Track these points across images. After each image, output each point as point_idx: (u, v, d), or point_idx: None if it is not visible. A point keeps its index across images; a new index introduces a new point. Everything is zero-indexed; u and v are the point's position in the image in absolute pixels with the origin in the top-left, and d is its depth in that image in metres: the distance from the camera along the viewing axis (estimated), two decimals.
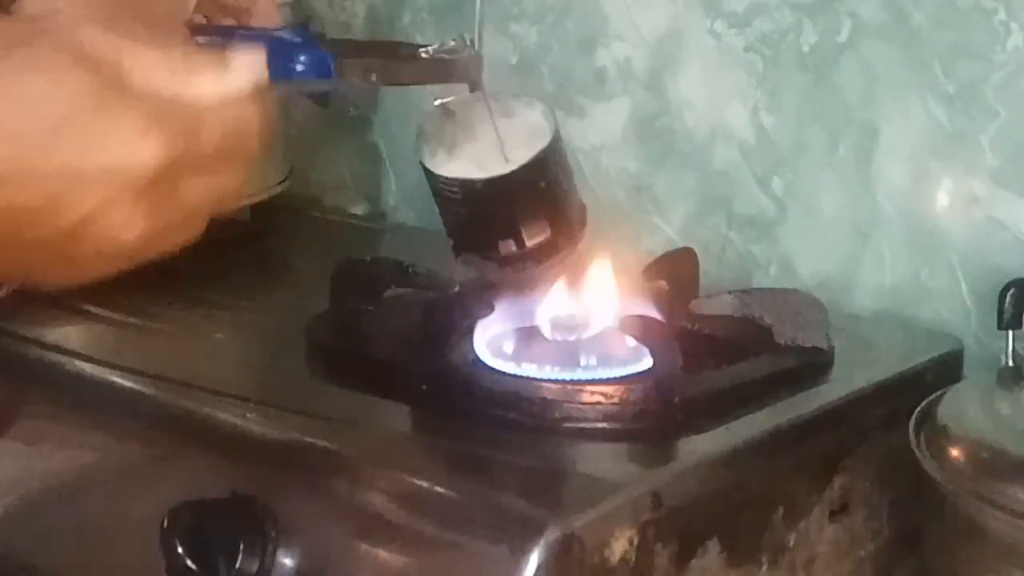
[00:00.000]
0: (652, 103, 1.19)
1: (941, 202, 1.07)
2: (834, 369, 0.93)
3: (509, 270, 0.86)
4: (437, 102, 0.84)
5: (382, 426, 0.85)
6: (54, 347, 0.96)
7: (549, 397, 0.83)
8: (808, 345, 0.93)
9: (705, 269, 1.00)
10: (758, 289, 1.03)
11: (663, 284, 0.95)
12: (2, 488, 0.92)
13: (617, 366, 0.85)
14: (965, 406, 0.86)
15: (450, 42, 0.81)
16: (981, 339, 1.04)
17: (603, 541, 0.74)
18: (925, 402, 0.86)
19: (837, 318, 0.97)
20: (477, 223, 0.85)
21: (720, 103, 1.16)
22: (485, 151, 0.83)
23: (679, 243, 1.10)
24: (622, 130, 1.21)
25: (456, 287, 0.92)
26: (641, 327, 0.85)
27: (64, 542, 0.89)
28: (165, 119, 0.58)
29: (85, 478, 0.90)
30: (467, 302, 0.88)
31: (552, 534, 0.72)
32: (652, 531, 0.76)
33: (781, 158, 1.14)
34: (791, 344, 0.92)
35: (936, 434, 0.82)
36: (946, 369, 0.98)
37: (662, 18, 1.18)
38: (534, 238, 0.85)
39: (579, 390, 0.83)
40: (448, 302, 0.90)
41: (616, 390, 0.83)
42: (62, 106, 0.57)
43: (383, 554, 0.77)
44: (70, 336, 1.01)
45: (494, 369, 0.86)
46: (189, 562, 0.77)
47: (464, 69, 0.82)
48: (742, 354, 0.91)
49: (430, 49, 0.80)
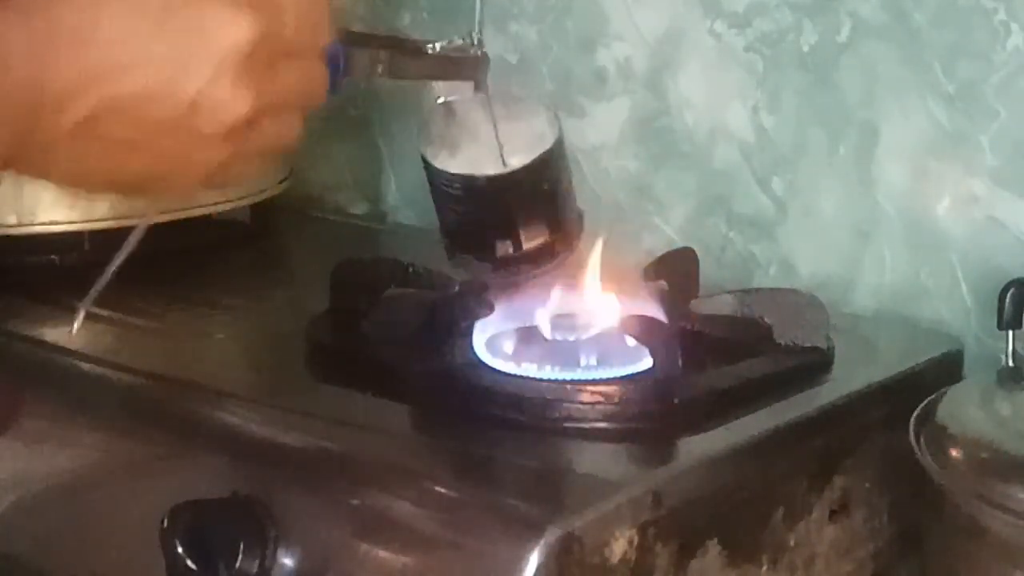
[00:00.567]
0: (652, 103, 1.19)
1: (941, 202, 1.07)
2: (834, 369, 0.93)
3: (504, 272, 0.86)
4: (440, 99, 0.84)
5: (382, 426, 0.85)
6: (54, 347, 0.96)
7: (549, 397, 0.83)
8: (808, 345, 0.93)
9: (705, 269, 1.00)
10: (758, 289, 1.02)
11: (663, 284, 0.95)
12: (2, 488, 0.92)
13: (617, 366, 0.85)
14: (965, 406, 0.86)
15: (457, 40, 0.81)
16: (981, 339, 1.04)
17: (603, 541, 0.74)
18: (925, 402, 0.86)
19: (837, 318, 0.97)
20: (475, 222, 0.85)
21: (720, 103, 1.16)
22: (486, 152, 0.83)
23: (679, 243, 1.10)
24: (622, 130, 1.21)
25: (456, 287, 0.92)
26: (641, 327, 0.85)
27: (64, 542, 0.89)
28: (248, 4, 0.66)
29: (85, 478, 0.90)
30: (467, 302, 0.88)
31: (552, 534, 0.72)
32: (652, 531, 0.76)
33: (781, 158, 1.14)
34: (791, 344, 0.92)
35: (936, 434, 0.82)
36: (946, 369, 0.98)
37: (662, 18, 1.18)
38: (531, 241, 0.85)
39: (579, 390, 0.83)
40: (448, 302, 0.90)
41: (616, 390, 0.83)
42: (157, 2, 0.65)
43: (383, 554, 0.77)
44: (70, 336, 1.01)
45: (494, 369, 0.86)
46: (189, 562, 0.77)
47: (470, 68, 0.82)
48: (742, 354, 0.91)
49: (437, 46, 0.80)
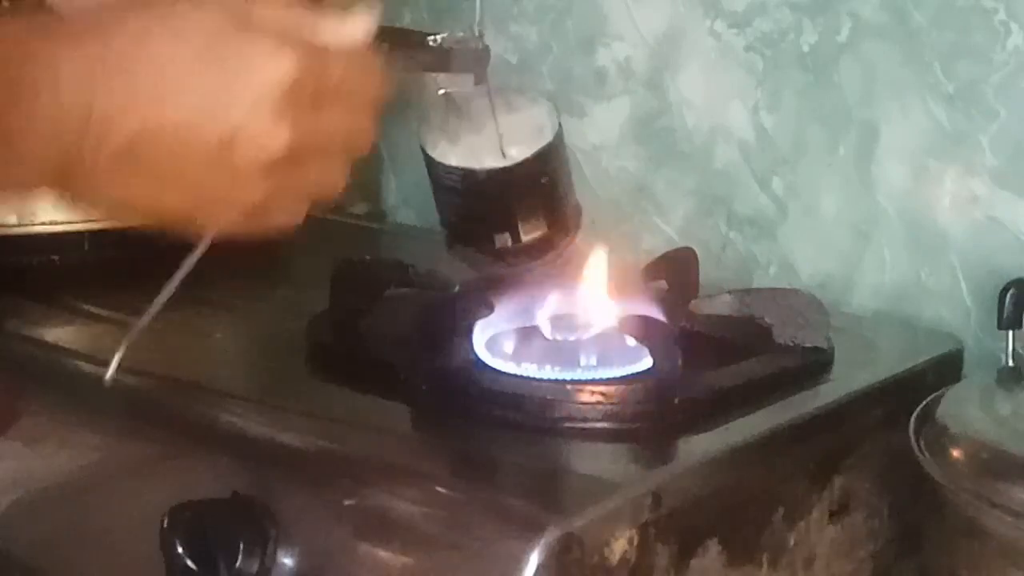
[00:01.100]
0: (652, 103, 1.19)
1: (941, 202, 1.07)
2: (834, 369, 0.93)
3: (502, 264, 0.86)
4: (441, 91, 0.84)
5: (382, 426, 0.85)
6: (54, 347, 0.96)
7: (549, 397, 0.83)
8: (808, 345, 0.93)
9: (705, 269, 1.00)
10: (758, 289, 1.03)
11: (663, 284, 0.95)
12: (2, 488, 0.92)
13: (617, 366, 0.85)
14: (965, 406, 0.86)
15: (458, 33, 0.81)
16: (981, 339, 1.04)
17: (603, 541, 0.74)
18: (925, 402, 0.86)
19: (837, 318, 0.97)
20: (474, 214, 0.85)
21: (720, 103, 1.16)
22: (486, 144, 0.83)
23: (679, 243, 1.10)
24: (622, 130, 1.21)
25: (456, 287, 0.92)
26: (641, 327, 0.85)
27: (64, 542, 0.89)
28: (294, 44, 0.67)
29: (85, 478, 0.90)
30: (467, 302, 0.88)
31: (552, 534, 0.71)
32: (652, 531, 0.76)
33: (781, 158, 1.14)
34: (791, 344, 0.92)
35: (936, 434, 0.82)
36: (946, 369, 0.98)
37: (662, 18, 1.18)
38: (530, 233, 0.85)
39: (579, 390, 0.83)
40: (448, 302, 0.90)
41: (616, 390, 0.83)
42: (204, 35, 0.67)
43: (383, 554, 0.77)
44: (70, 336, 1.01)
45: (494, 369, 0.86)
46: (189, 562, 0.77)
47: (471, 60, 0.82)
48: (742, 354, 0.91)
49: (439, 38, 0.80)
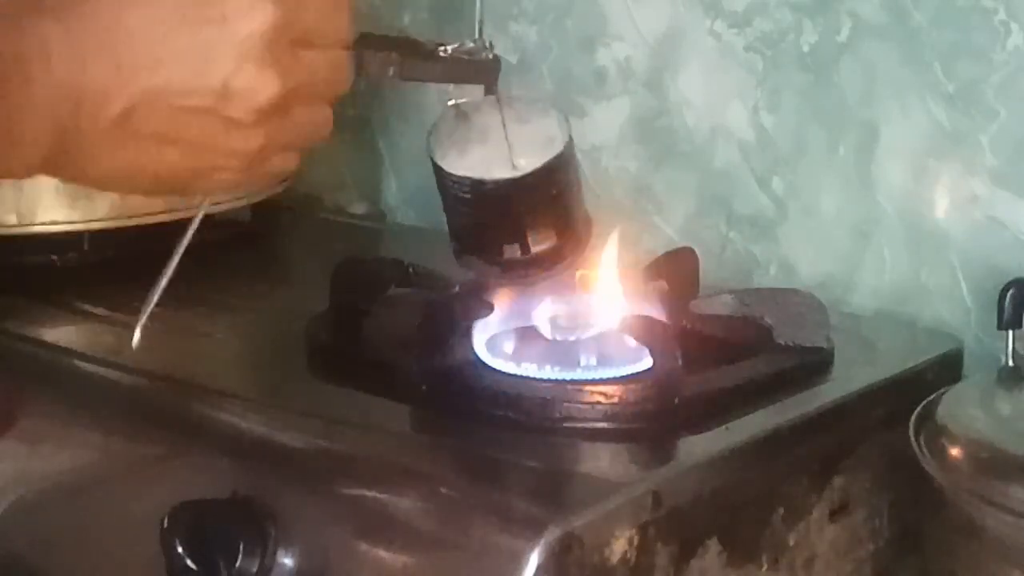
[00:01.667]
0: (652, 103, 1.19)
1: (941, 202, 1.07)
2: (834, 369, 0.93)
3: (512, 276, 0.86)
4: (451, 102, 0.84)
5: (382, 426, 0.85)
6: (54, 347, 0.96)
7: (549, 397, 0.83)
8: (808, 345, 0.93)
9: (705, 269, 1.00)
10: (758, 289, 1.02)
11: (663, 284, 0.95)
12: (2, 488, 0.92)
13: (617, 366, 0.85)
14: (965, 406, 0.86)
15: (468, 43, 0.81)
16: (981, 339, 1.04)
17: (603, 541, 0.74)
18: (925, 402, 0.86)
19: (837, 318, 0.97)
20: (484, 225, 0.85)
21: (720, 103, 1.16)
22: (496, 155, 0.83)
23: (679, 243, 1.09)
24: (622, 130, 1.21)
25: (456, 287, 0.92)
26: (641, 327, 0.85)
27: (64, 542, 0.89)
28: None
29: (85, 478, 0.90)
30: (467, 302, 0.88)
31: (552, 534, 0.71)
32: (652, 531, 0.76)
33: (781, 158, 1.14)
34: (791, 344, 0.92)
35: (936, 434, 0.82)
36: (946, 369, 0.98)
37: (662, 18, 1.18)
38: (540, 244, 0.85)
39: (579, 390, 0.83)
40: (448, 302, 0.90)
41: (616, 390, 0.83)
42: None
43: (383, 554, 0.77)
44: (70, 336, 1.01)
45: (494, 369, 0.86)
46: (189, 562, 0.77)
47: (481, 71, 0.82)
48: (742, 354, 0.91)
49: (449, 48, 0.80)
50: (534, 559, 0.71)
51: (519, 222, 0.84)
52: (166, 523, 0.77)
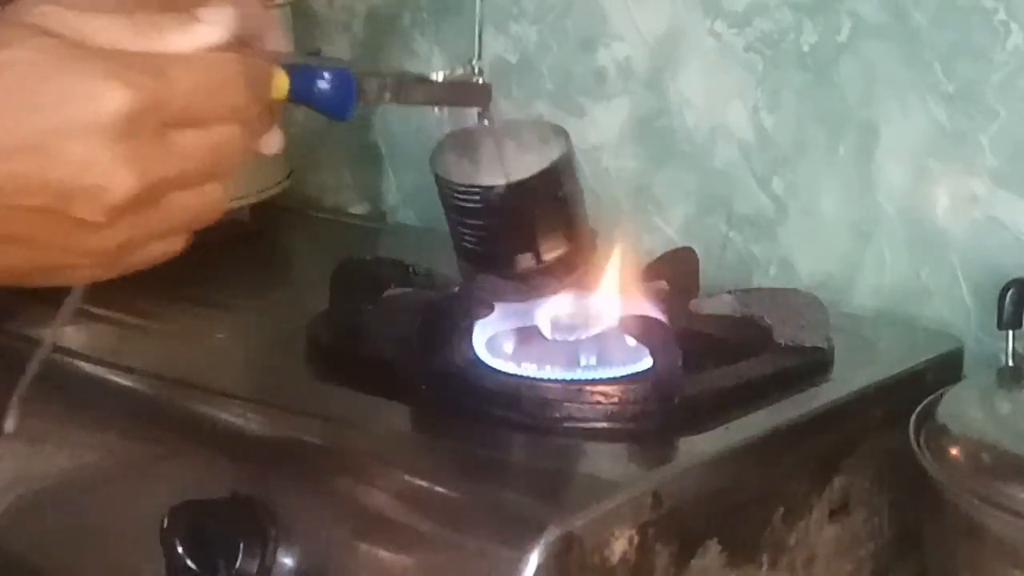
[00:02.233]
0: (652, 103, 1.19)
1: (941, 202, 1.07)
2: (834, 369, 0.93)
3: (526, 288, 0.86)
4: (448, 130, 0.85)
5: (382, 426, 0.85)
6: (54, 347, 0.96)
7: (549, 397, 0.83)
8: (808, 345, 0.93)
9: (705, 269, 1.00)
10: (758, 289, 1.03)
11: (663, 284, 0.95)
12: (2, 488, 0.92)
13: (617, 366, 0.85)
14: (965, 406, 0.86)
15: (459, 70, 0.81)
16: (981, 339, 1.04)
17: (603, 541, 0.74)
18: (925, 402, 0.86)
19: (837, 318, 0.97)
20: (495, 236, 0.85)
21: (720, 103, 1.16)
22: (497, 177, 0.84)
23: (679, 243, 1.10)
24: (622, 130, 1.21)
25: (456, 287, 0.92)
26: (641, 327, 0.85)
27: (64, 542, 0.89)
28: (130, 67, 0.58)
29: (85, 478, 0.90)
30: (467, 302, 0.88)
31: (552, 534, 0.71)
32: (652, 531, 0.76)
33: (781, 158, 1.14)
34: (791, 344, 0.92)
35: (936, 434, 0.82)
36: (946, 369, 0.98)
37: (662, 18, 1.18)
38: (551, 252, 0.85)
39: (579, 390, 0.83)
40: (448, 302, 0.90)
41: (616, 390, 0.83)
42: (18, 71, 0.58)
43: (383, 554, 0.77)
44: (70, 336, 1.01)
45: (494, 369, 0.86)
46: (189, 562, 0.77)
47: (474, 95, 0.83)
48: (742, 354, 0.91)
49: (441, 74, 0.80)
50: (534, 559, 0.71)
51: (531, 228, 0.85)
52: (166, 523, 0.77)
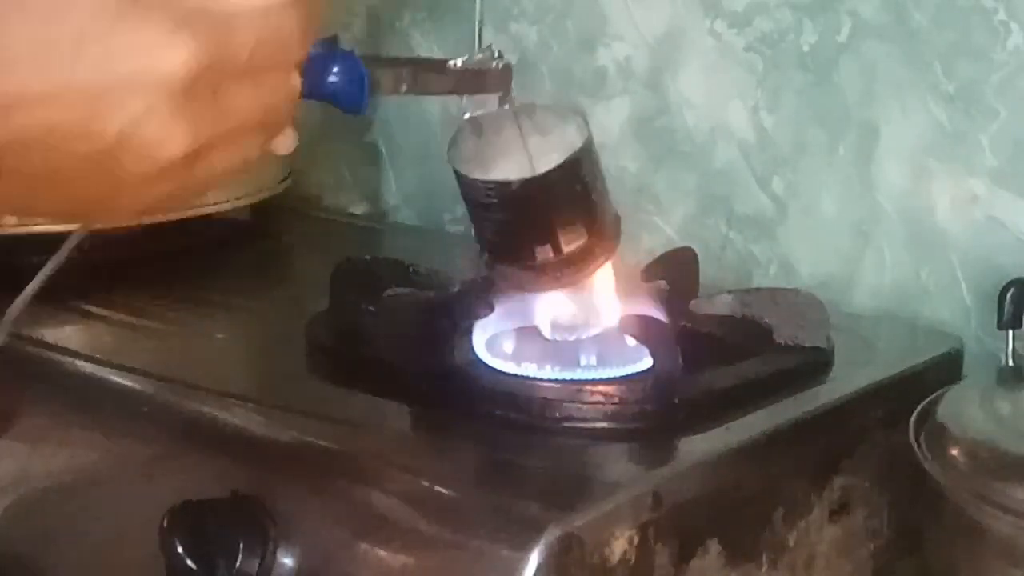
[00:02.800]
0: (652, 103, 1.19)
1: (941, 202, 1.07)
2: (834, 369, 0.93)
3: (546, 279, 0.85)
4: (467, 115, 0.84)
5: (382, 426, 0.85)
6: (54, 347, 0.96)
7: (549, 397, 0.83)
8: (808, 345, 0.93)
9: (705, 269, 1.00)
10: (758, 289, 1.02)
11: (663, 284, 0.95)
12: (2, 488, 0.92)
13: (617, 366, 0.85)
14: (965, 406, 0.86)
15: (478, 55, 0.80)
16: (981, 339, 1.04)
17: (603, 541, 0.74)
18: (925, 402, 0.86)
19: (837, 318, 0.97)
20: (513, 229, 0.85)
21: (720, 103, 1.16)
22: (517, 164, 0.83)
23: (679, 243, 1.10)
24: (622, 130, 1.21)
25: (456, 287, 0.92)
26: (641, 327, 0.85)
27: (64, 542, 0.89)
28: (191, 22, 0.56)
29: (85, 478, 0.90)
30: (467, 302, 0.88)
31: (552, 534, 0.71)
32: (652, 531, 0.76)
33: (781, 158, 1.14)
34: (791, 344, 0.92)
35: (936, 434, 0.82)
36: (946, 369, 0.98)
37: (662, 18, 1.18)
38: (571, 244, 0.84)
39: (579, 390, 0.83)
40: (448, 302, 0.90)
41: (616, 390, 0.83)
42: (81, 16, 0.55)
43: (383, 554, 0.77)
44: (70, 336, 1.01)
45: (494, 369, 0.86)
46: (189, 562, 0.77)
47: (493, 81, 0.82)
48: (742, 354, 0.91)
49: (459, 61, 0.80)
50: (534, 559, 0.71)
51: (548, 221, 0.84)
52: (166, 523, 0.77)
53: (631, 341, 0.85)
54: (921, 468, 0.80)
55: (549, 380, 0.84)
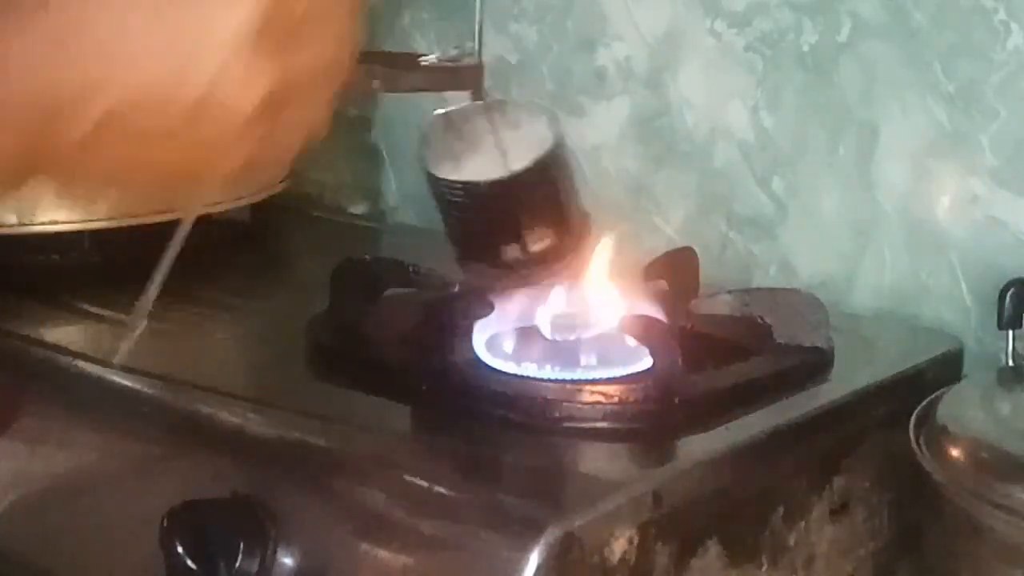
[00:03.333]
0: (652, 103, 1.19)
1: (941, 202, 1.07)
2: (834, 369, 0.93)
3: (514, 278, 0.86)
4: (438, 111, 0.84)
5: (382, 426, 0.85)
6: (54, 347, 0.96)
7: (549, 397, 0.83)
8: (808, 345, 0.93)
9: (705, 269, 1.00)
10: (758, 289, 1.03)
11: (663, 284, 0.95)
12: (2, 488, 0.92)
13: (617, 366, 0.85)
14: (965, 406, 0.86)
15: (451, 50, 0.80)
16: (981, 339, 1.04)
17: (603, 541, 0.74)
18: (925, 402, 0.86)
19: (837, 318, 0.97)
20: (481, 228, 0.85)
21: (720, 103, 1.16)
22: (488, 160, 0.83)
23: (679, 243, 1.10)
24: (622, 130, 1.21)
25: (456, 287, 0.92)
26: (641, 327, 0.85)
27: (64, 542, 0.89)
28: None
29: (85, 478, 0.90)
30: (467, 302, 0.88)
31: (552, 534, 0.71)
32: (652, 531, 0.76)
33: (781, 158, 1.14)
34: (791, 344, 0.92)
35: (936, 434, 0.82)
36: (946, 369, 0.98)
37: (662, 18, 1.18)
38: (537, 243, 0.85)
39: (579, 390, 0.83)
40: (448, 302, 0.90)
41: (616, 390, 0.83)
42: None
43: (383, 554, 0.77)
44: (70, 336, 1.01)
45: (494, 369, 0.86)
46: (189, 562, 0.77)
47: (465, 77, 0.82)
48: (742, 354, 0.91)
49: (432, 57, 0.80)
50: (534, 559, 0.71)
51: (515, 222, 0.84)
52: (166, 523, 0.77)
53: (631, 341, 0.85)
54: (921, 468, 0.80)
55: (549, 380, 0.84)
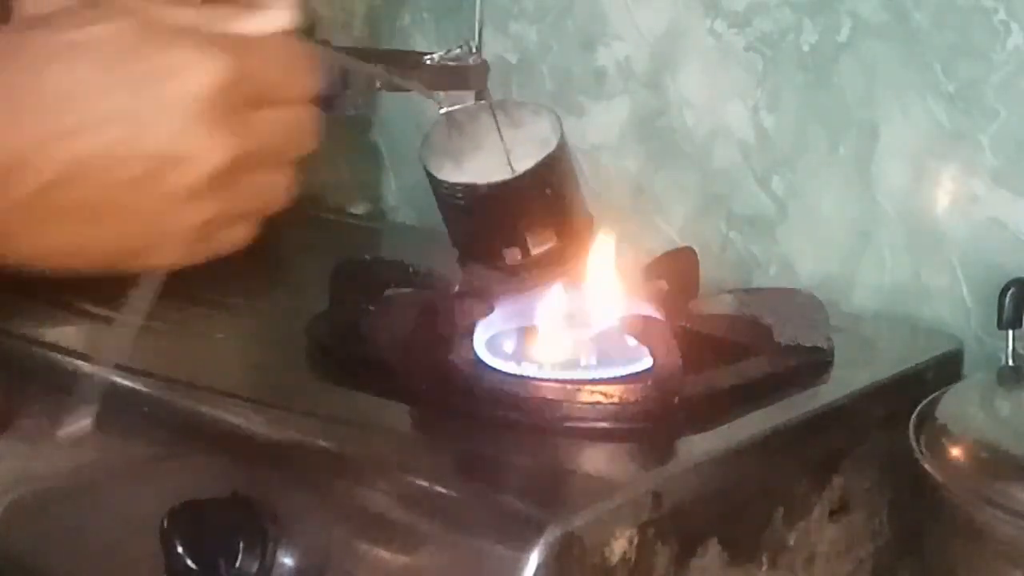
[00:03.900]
0: (652, 102, 1.19)
1: (941, 202, 1.07)
2: (834, 369, 0.93)
3: (515, 280, 0.86)
4: (442, 111, 0.84)
5: (382, 426, 0.85)
6: (54, 347, 0.96)
7: (549, 397, 0.83)
8: (808, 345, 0.93)
9: (705, 269, 1.00)
10: (758, 289, 1.03)
11: (663, 284, 0.95)
12: (2, 488, 0.92)
13: (617, 366, 0.85)
14: (965, 406, 0.86)
15: (455, 49, 0.80)
16: (981, 339, 1.04)
17: (603, 541, 0.74)
18: (925, 402, 0.86)
19: (837, 318, 0.97)
20: (482, 231, 0.85)
21: (720, 103, 1.16)
22: (491, 160, 0.83)
23: (679, 243, 1.10)
24: (622, 130, 1.21)
25: (456, 287, 0.92)
26: (641, 327, 0.85)
27: (64, 542, 0.89)
28: (214, 43, 0.60)
29: (85, 478, 0.90)
30: (467, 302, 0.88)
31: (552, 534, 0.71)
32: (652, 531, 0.76)
33: (781, 158, 1.14)
34: (791, 344, 0.92)
35: (936, 434, 0.82)
36: (946, 369, 0.98)
37: (662, 18, 1.18)
38: (539, 246, 0.85)
39: (579, 390, 0.83)
40: (448, 302, 0.90)
41: (616, 390, 0.83)
42: (113, 48, 0.59)
43: (383, 554, 0.77)
44: (70, 336, 1.01)
45: (494, 369, 0.86)
46: (189, 562, 0.77)
47: (469, 76, 0.82)
48: (742, 354, 0.91)
49: (435, 56, 0.80)
50: (534, 559, 0.71)
51: (516, 225, 0.84)
52: (166, 523, 0.77)
53: (631, 341, 0.85)
54: (921, 468, 0.80)
55: (549, 380, 0.84)
